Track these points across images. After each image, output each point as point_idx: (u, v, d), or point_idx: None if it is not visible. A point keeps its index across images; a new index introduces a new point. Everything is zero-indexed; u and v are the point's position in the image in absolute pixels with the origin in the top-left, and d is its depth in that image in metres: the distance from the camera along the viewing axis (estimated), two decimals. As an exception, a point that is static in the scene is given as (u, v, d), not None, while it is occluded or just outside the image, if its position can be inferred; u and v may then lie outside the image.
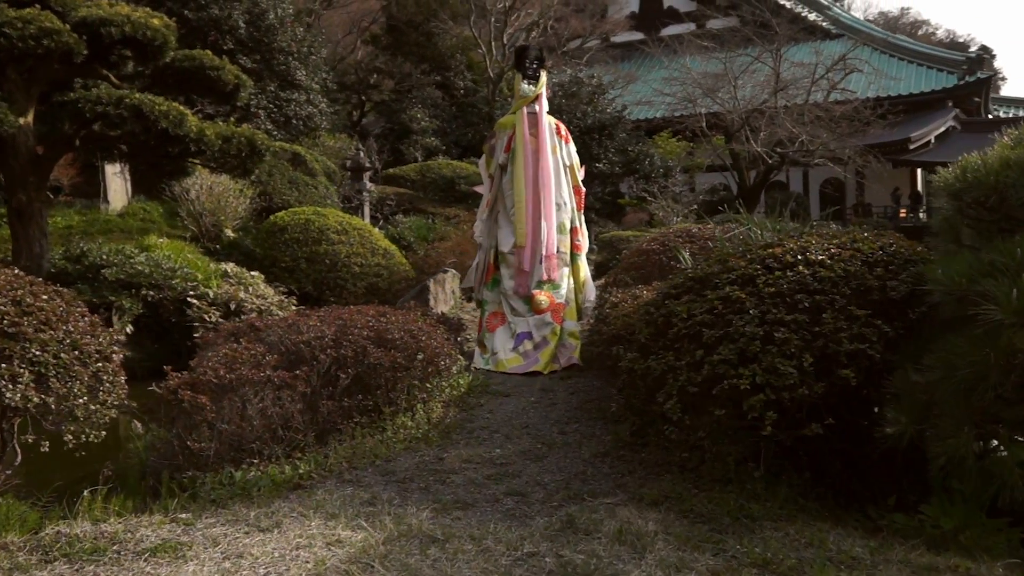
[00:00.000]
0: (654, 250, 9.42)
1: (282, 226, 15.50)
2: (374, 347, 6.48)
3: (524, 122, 10.49)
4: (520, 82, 10.68)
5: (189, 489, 5.49)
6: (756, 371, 4.85)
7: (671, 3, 36.45)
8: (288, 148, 19.16)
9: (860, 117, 24.85)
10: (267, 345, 6.52)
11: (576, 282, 10.61)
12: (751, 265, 5.54)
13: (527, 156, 10.39)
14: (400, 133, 24.87)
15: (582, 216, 11.02)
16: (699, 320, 5.28)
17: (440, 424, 6.96)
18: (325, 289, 14.73)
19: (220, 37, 20.30)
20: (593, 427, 6.90)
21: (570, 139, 11.09)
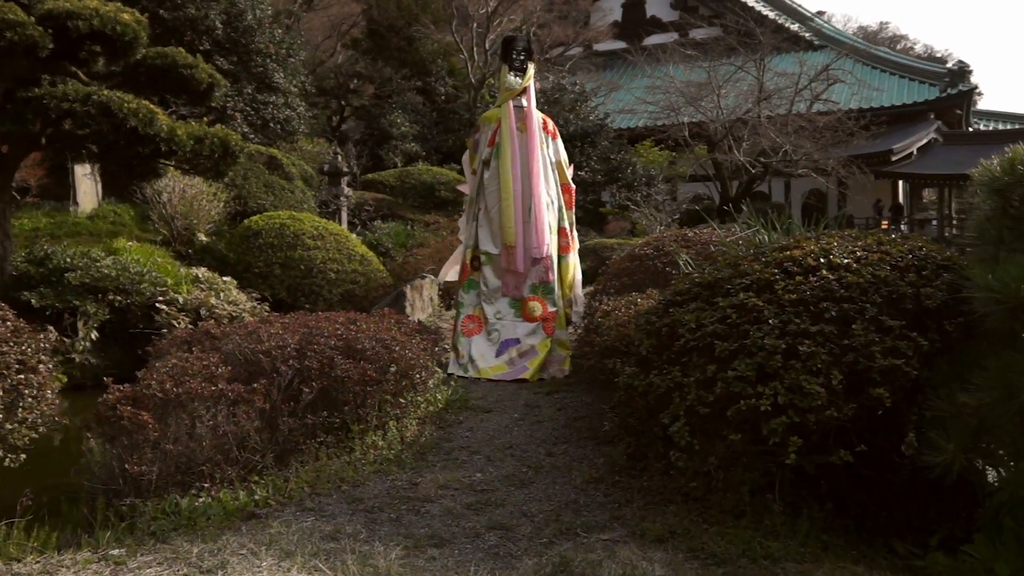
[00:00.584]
0: (647, 255, 8.70)
1: (256, 230, 14.78)
2: (342, 358, 5.74)
3: (511, 116, 9.77)
4: (506, 74, 9.97)
5: (128, 518, 4.75)
6: (778, 390, 4.15)
7: (654, 12, 35.89)
8: (264, 151, 18.40)
9: (843, 128, 24.32)
10: (223, 355, 5.78)
11: (563, 286, 9.89)
12: (767, 269, 4.84)
13: (515, 151, 9.67)
14: (380, 138, 24.10)
15: (572, 215, 10.32)
16: (710, 331, 4.58)
17: (415, 444, 6.20)
18: (300, 296, 14.00)
19: (196, 37, 19.51)
20: (584, 448, 6.17)
21: (557, 135, 10.38)
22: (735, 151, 24.02)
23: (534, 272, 9.61)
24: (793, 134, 24.01)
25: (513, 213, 9.52)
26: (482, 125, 10.31)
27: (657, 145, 26.95)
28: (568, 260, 9.99)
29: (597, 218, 23.48)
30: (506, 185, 9.58)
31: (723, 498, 4.63)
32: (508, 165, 9.58)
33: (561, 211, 10.06)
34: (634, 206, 22.11)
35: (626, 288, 8.26)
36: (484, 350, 9.52)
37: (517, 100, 9.91)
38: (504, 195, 9.57)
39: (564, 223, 10.08)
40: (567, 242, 10.05)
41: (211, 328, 6.27)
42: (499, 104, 10.16)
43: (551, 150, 10.11)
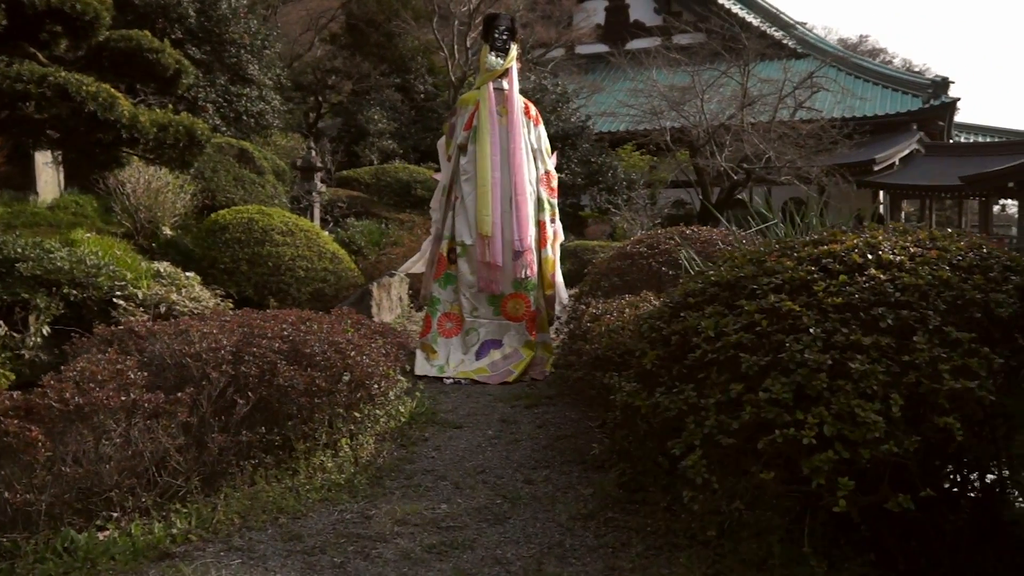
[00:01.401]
0: (640, 253, 7.70)
1: (223, 225, 13.77)
2: (286, 364, 4.75)
3: (490, 98, 8.86)
4: (487, 54, 9.09)
5: (10, 558, 3.76)
6: (824, 417, 3.19)
7: (637, 16, 34.92)
8: (235, 144, 17.38)
9: (826, 136, 23.55)
10: (147, 357, 4.79)
11: (545, 281, 8.98)
12: (802, 267, 3.88)
13: (494, 135, 8.76)
14: (356, 135, 23.00)
15: (554, 204, 9.39)
16: (734, 341, 3.61)
17: (370, 466, 5.22)
18: (267, 293, 13.00)
19: (168, 25, 18.49)
20: (569, 474, 5.19)
21: (540, 121, 9.48)
22: (717, 157, 23.19)
23: (516, 266, 8.70)
24: (776, 141, 23.22)
25: (490, 201, 8.60)
26: (459, 108, 9.38)
27: (639, 149, 26.07)
28: (548, 254, 9.06)
29: (576, 221, 22.56)
30: (483, 170, 8.66)
31: (745, 545, 3.68)
32: (487, 150, 8.65)
33: (540, 202, 9.13)
34: (615, 209, 21.23)
35: (617, 289, 7.27)
36: (463, 353, 8.64)
37: (497, 82, 9.02)
38: (481, 181, 8.65)
39: (543, 215, 9.12)
40: (544, 234, 9.10)
41: (136, 326, 5.26)
42: (478, 86, 9.25)
43: (533, 136, 9.20)
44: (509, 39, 9.05)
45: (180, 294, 11.89)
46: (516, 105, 8.92)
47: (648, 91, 25.46)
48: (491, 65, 8.96)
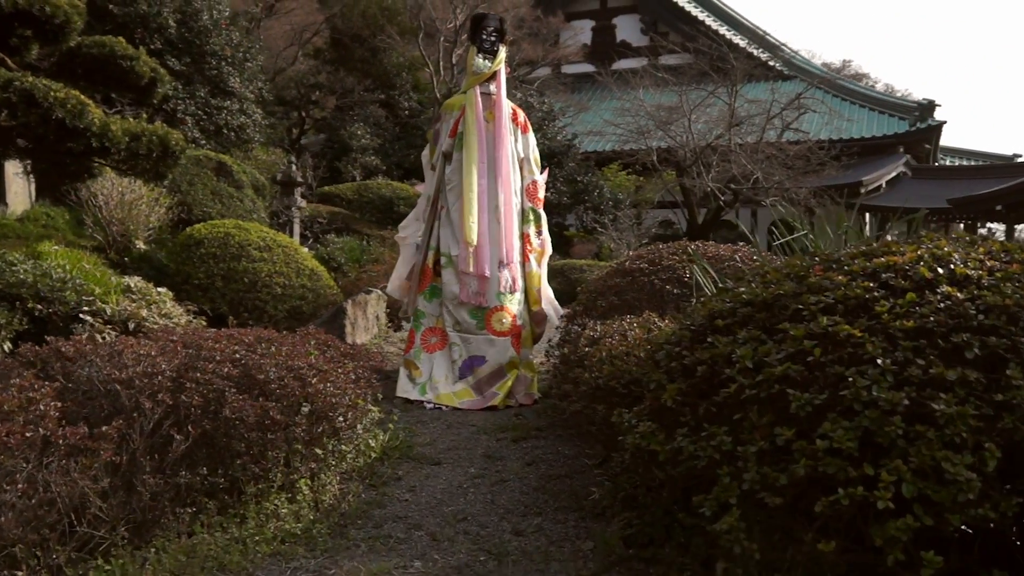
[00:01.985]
0: (640, 269, 6.88)
1: (198, 239, 13.00)
2: (236, 392, 3.98)
3: (477, 103, 8.14)
4: (474, 56, 8.36)
5: None
6: (902, 473, 2.45)
7: (624, 36, 34.41)
8: (213, 157, 16.64)
9: (814, 157, 23.00)
10: (73, 383, 4.02)
11: (531, 296, 8.26)
12: (858, 282, 3.15)
13: (481, 141, 8.04)
14: (339, 150, 22.26)
15: (541, 213, 8.66)
16: (779, 373, 2.86)
17: (333, 512, 4.42)
18: (242, 310, 12.22)
19: (148, 35, 17.76)
20: (564, 523, 4.39)
21: (529, 128, 8.75)
22: (704, 177, 22.60)
23: (501, 278, 7.99)
24: (764, 162, 22.65)
25: (475, 208, 7.87)
26: (444, 113, 8.65)
27: (625, 169, 25.47)
28: (532, 268, 8.32)
29: (562, 240, 21.87)
30: (469, 178, 7.93)
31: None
32: (473, 157, 7.95)
33: (524, 213, 8.44)
34: (601, 229, 20.58)
35: (615, 309, 6.48)
36: (447, 369, 7.88)
37: (485, 86, 8.29)
38: (466, 188, 7.91)
39: (528, 227, 8.42)
40: (529, 249, 8.37)
41: (62, 345, 4.47)
42: (464, 90, 8.52)
43: (520, 145, 8.49)
44: (498, 41, 8.36)
45: (150, 310, 11.14)
46: (504, 111, 8.23)
47: (635, 110, 24.88)
48: (478, 68, 8.26)
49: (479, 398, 7.69)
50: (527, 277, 8.26)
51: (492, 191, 7.98)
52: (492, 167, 7.98)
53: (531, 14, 26.00)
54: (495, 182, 7.97)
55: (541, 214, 8.58)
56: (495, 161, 7.99)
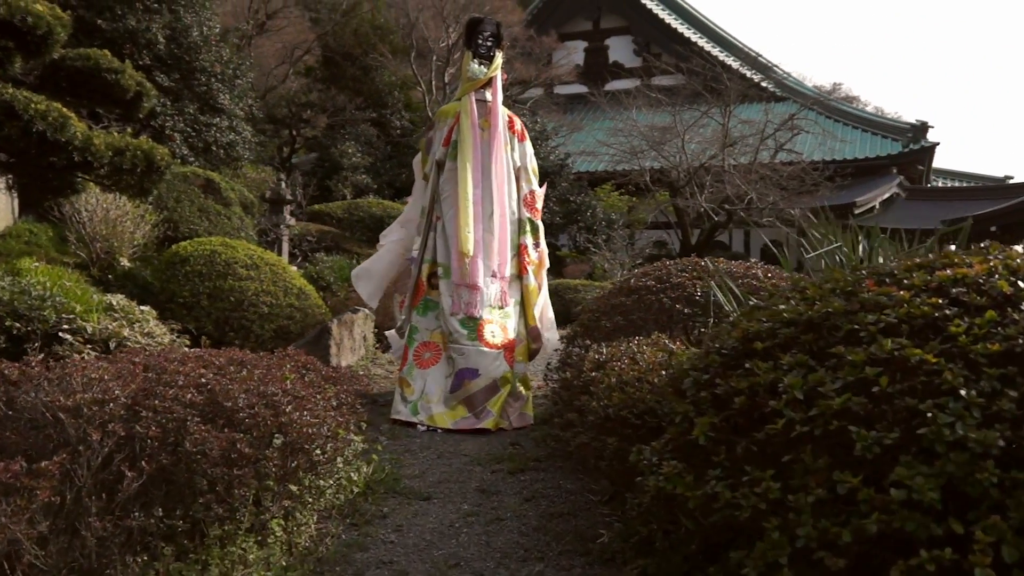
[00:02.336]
0: (647, 287, 6.42)
1: (184, 256, 12.56)
2: (200, 422, 3.49)
3: (472, 110, 7.80)
4: (469, 61, 8.01)
5: None
6: (1002, 532, 2.03)
7: (617, 58, 34.21)
8: (201, 174, 16.23)
9: (808, 178, 22.71)
10: (17, 411, 3.55)
11: (528, 311, 7.83)
12: (922, 298, 2.72)
13: (476, 149, 7.70)
14: (330, 169, 21.89)
15: (539, 224, 8.23)
16: (837, 406, 2.43)
17: (308, 556, 3.94)
18: (228, 330, 11.77)
19: (137, 51, 17.35)
20: (569, 569, 3.90)
21: (526, 137, 8.41)
22: (698, 197, 22.28)
23: (493, 290, 7.62)
24: (758, 182, 22.35)
25: (471, 218, 7.51)
26: (437, 121, 8.31)
27: (618, 189, 25.14)
28: (529, 281, 7.91)
29: (555, 261, 21.47)
30: (464, 187, 7.56)
31: None
32: (467, 165, 7.60)
33: (522, 223, 8.06)
34: (595, 249, 20.20)
35: (620, 330, 6.01)
36: (441, 386, 7.45)
37: (480, 93, 7.94)
38: (461, 197, 7.54)
39: (525, 238, 8.01)
40: (526, 261, 7.95)
41: (5, 368, 3.96)
42: (459, 96, 8.14)
43: (516, 153, 8.13)
44: (494, 46, 8.01)
45: (133, 329, 10.72)
46: (499, 118, 7.89)
47: (628, 130, 24.61)
48: (473, 74, 7.90)
49: (471, 416, 7.23)
50: (524, 290, 7.88)
51: (486, 200, 7.65)
52: (486, 176, 7.65)
53: (524, 33, 25.76)
54: (489, 191, 7.65)
55: (539, 225, 8.19)
56: (489, 170, 7.65)
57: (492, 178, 7.63)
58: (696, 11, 35.04)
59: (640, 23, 34.25)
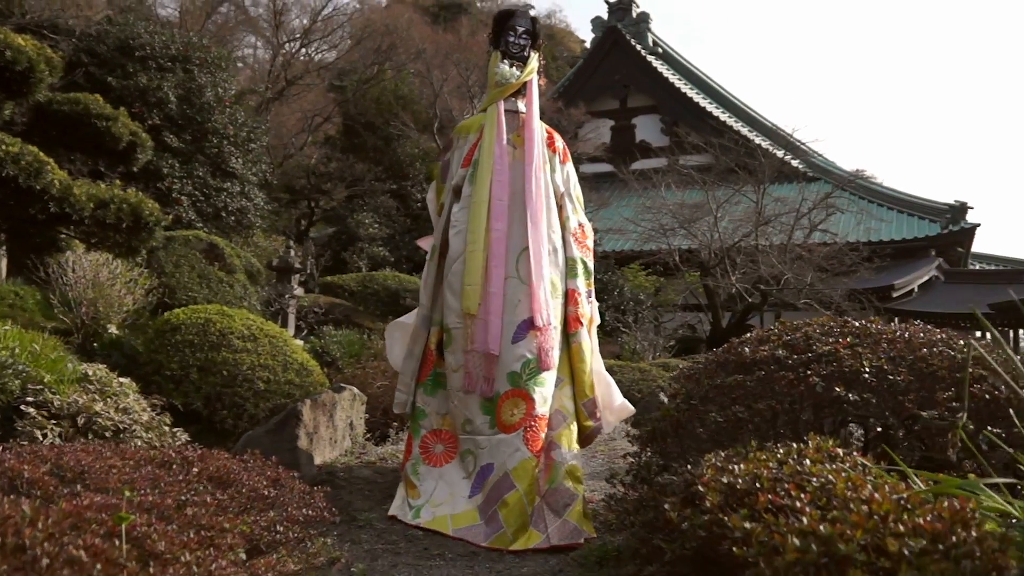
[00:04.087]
0: (778, 359, 3.90)
1: (175, 325, 10.88)
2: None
3: (499, 123, 5.82)
4: (497, 61, 6.03)
5: None
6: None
7: (643, 137, 32.86)
8: (205, 237, 14.68)
9: (845, 259, 21.04)
10: None
11: (576, 380, 5.63)
12: None
13: (501, 172, 5.70)
14: (346, 240, 20.33)
15: (591, 266, 6.09)
16: None
17: None
18: (219, 407, 10.01)
19: (147, 110, 16.04)
20: None
21: (568, 158, 6.30)
22: (731, 277, 20.60)
23: (520, 352, 5.44)
24: (791, 262, 20.67)
25: (480, 263, 5.51)
26: (457, 138, 6.26)
27: (645, 269, 23.50)
28: (581, 339, 5.71)
29: (580, 340, 19.72)
30: (476, 221, 5.60)
31: None
32: (484, 192, 5.63)
33: (572, 263, 5.88)
34: (625, 329, 18.46)
35: (734, 427, 3.64)
36: (457, 488, 5.28)
37: (511, 102, 5.95)
38: (472, 235, 5.58)
39: (576, 281, 5.84)
40: (578, 311, 5.76)
41: None
42: (484, 107, 6.11)
43: (559, 177, 6.04)
44: (530, 44, 6.10)
45: (106, 403, 8.99)
46: (536, 133, 5.86)
47: (657, 208, 23.08)
48: (503, 77, 5.95)
49: (480, 524, 5.03)
50: (573, 351, 5.68)
51: (516, 234, 5.63)
52: (518, 204, 5.66)
53: (552, 106, 24.39)
54: (522, 223, 5.62)
55: (591, 268, 6.09)
56: (524, 196, 5.66)
57: (528, 206, 5.63)
58: (724, 89, 33.81)
59: (668, 102, 32.97)
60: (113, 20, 17.28)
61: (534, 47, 6.12)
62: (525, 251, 5.58)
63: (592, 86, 34.01)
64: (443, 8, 38.09)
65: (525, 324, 5.47)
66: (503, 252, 5.54)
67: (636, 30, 34.96)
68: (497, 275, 5.50)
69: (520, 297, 5.51)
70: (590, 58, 35.58)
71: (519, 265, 5.59)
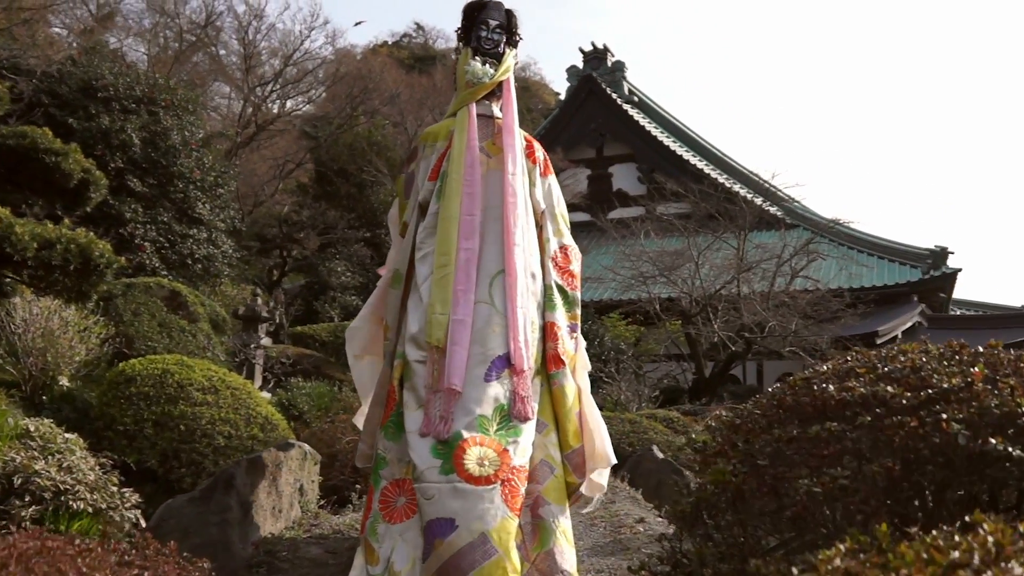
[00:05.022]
0: (881, 398, 2.73)
1: (130, 376, 9.90)
2: None
3: (471, 127, 4.90)
4: (468, 59, 5.10)
5: None
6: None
7: (620, 185, 32.27)
8: (167, 284, 13.72)
9: (828, 306, 20.37)
10: None
11: (561, 428, 4.66)
12: None
13: (473, 183, 4.76)
14: (318, 289, 19.35)
15: (577, 296, 5.07)
16: None
17: None
18: (175, 465, 9.03)
19: (109, 152, 15.16)
20: None
21: (551, 170, 5.35)
22: (713, 324, 19.84)
23: (493, 392, 4.44)
24: (774, 309, 19.98)
25: (450, 287, 4.56)
26: (422, 146, 5.26)
27: (626, 319, 22.67)
28: (563, 381, 4.70)
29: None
30: (445, 241, 4.67)
31: None
32: (454, 207, 4.69)
33: (550, 292, 4.90)
34: (608, 379, 17.58)
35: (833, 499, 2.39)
36: (418, 546, 4.22)
37: (485, 105, 5.03)
38: (442, 257, 4.64)
39: (554, 314, 4.84)
40: (558, 348, 4.76)
41: None
42: (453, 110, 5.16)
43: (540, 191, 5.10)
44: (503, 40, 5.20)
45: (48, 462, 8.00)
46: (514, 141, 4.94)
47: (636, 255, 22.34)
48: (474, 76, 4.99)
49: None
50: (554, 394, 4.69)
51: (491, 256, 4.70)
52: (492, 219, 4.75)
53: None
54: (497, 243, 4.71)
55: (577, 298, 5.06)
56: (503, 210, 4.72)
57: (505, 223, 4.72)
58: (700, 137, 33.37)
59: (644, 150, 32.45)
60: (76, 61, 16.45)
61: (510, 43, 5.22)
62: (501, 275, 4.65)
63: (568, 135, 33.49)
64: (417, 60, 37.64)
65: (500, 361, 4.49)
66: (474, 275, 4.59)
67: (612, 79, 34.55)
68: (466, 300, 4.54)
69: (494, 328, 4.54)
70: (566, 107, 35.10)
71: (493, 290, 4.63)
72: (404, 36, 48.67)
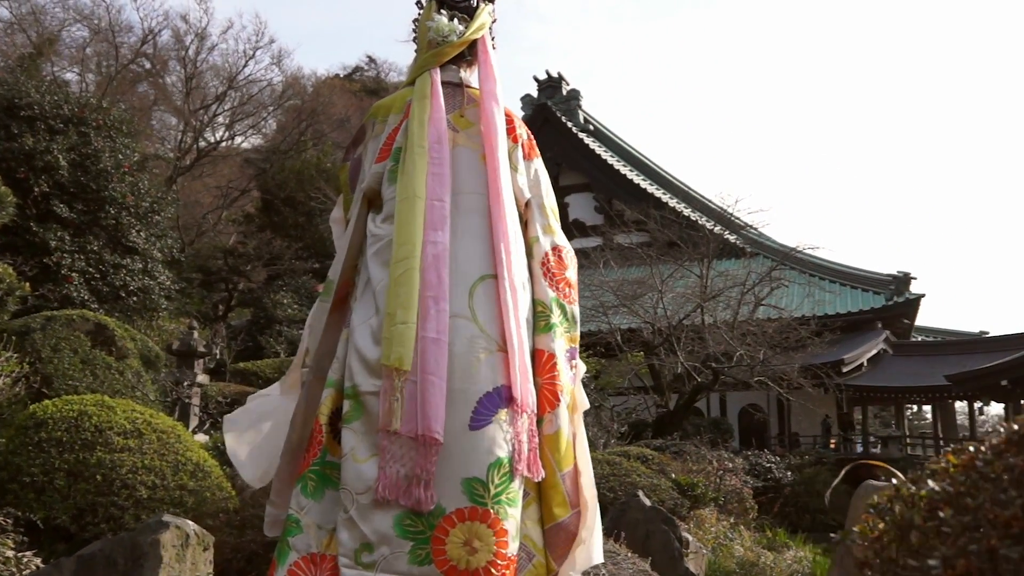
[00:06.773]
0: None
1: (40, 420, 8.36)
2: None
3: (435, 94, 3.43)
4: (432, 14, 3.61)
5: None
6: None
7: (577, 215, 31.21)
8: (91, 317, 12.21)
9: (793, 334, 19.42)
10: None
11: (546, 491, 3.19)
12: None
13: (437, 159, 3.29)
14: (264, 323, 17.91)
15: (574, 308, 3.55)
16: None
17: None
18: (91, 521, 7.52)
19: (33, 175, 13.68)
20: None
21: (535, 151, 3.75)
22: (678, 355, 18.71)
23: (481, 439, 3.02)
24: (741, 338, 18.97)
25: (416, 294, 3.05)
26: (372, 124, 3.72)
27: (586, 351, 21.44)
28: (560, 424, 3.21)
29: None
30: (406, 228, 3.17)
31: None
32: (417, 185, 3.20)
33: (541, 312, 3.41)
34: (573, 414, 16.35)
35: None
36: None
37: (451, 71, 3.61)
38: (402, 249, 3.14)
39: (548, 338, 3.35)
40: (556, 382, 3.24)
41: None
42: (411, 78, 3.65)
43: (523, 178, 3.61)
44: None
45: (-72, 525, 6.62)
46: (493, 113, 3.50)
47: (596, 285, 21.14)
48: (439, 33, 3.57)
49: None
50: (546, 442, 3.23)
51: (471, 255, 3.25)
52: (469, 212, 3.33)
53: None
54: (476, 237, 3.29)
55: (576, 314, 3.57)
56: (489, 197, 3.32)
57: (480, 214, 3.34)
58: (657, 166, 32.59)
59: (601, 179, 31.54)
60: None
61: None
62: (484, 280, 3.24)
63: (522, 165, 32.46)
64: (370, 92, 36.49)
65: (490, 399, 3.08)
66: (445, 277, 3.15)
67: (567, 107, 33.63)
68: (437, 311, 3.09)
69: (478, 353, 3.11)
70: (520, 136, 34.11)
71: (474, 302, 3.19)
72: (356, 70, 47.59)
